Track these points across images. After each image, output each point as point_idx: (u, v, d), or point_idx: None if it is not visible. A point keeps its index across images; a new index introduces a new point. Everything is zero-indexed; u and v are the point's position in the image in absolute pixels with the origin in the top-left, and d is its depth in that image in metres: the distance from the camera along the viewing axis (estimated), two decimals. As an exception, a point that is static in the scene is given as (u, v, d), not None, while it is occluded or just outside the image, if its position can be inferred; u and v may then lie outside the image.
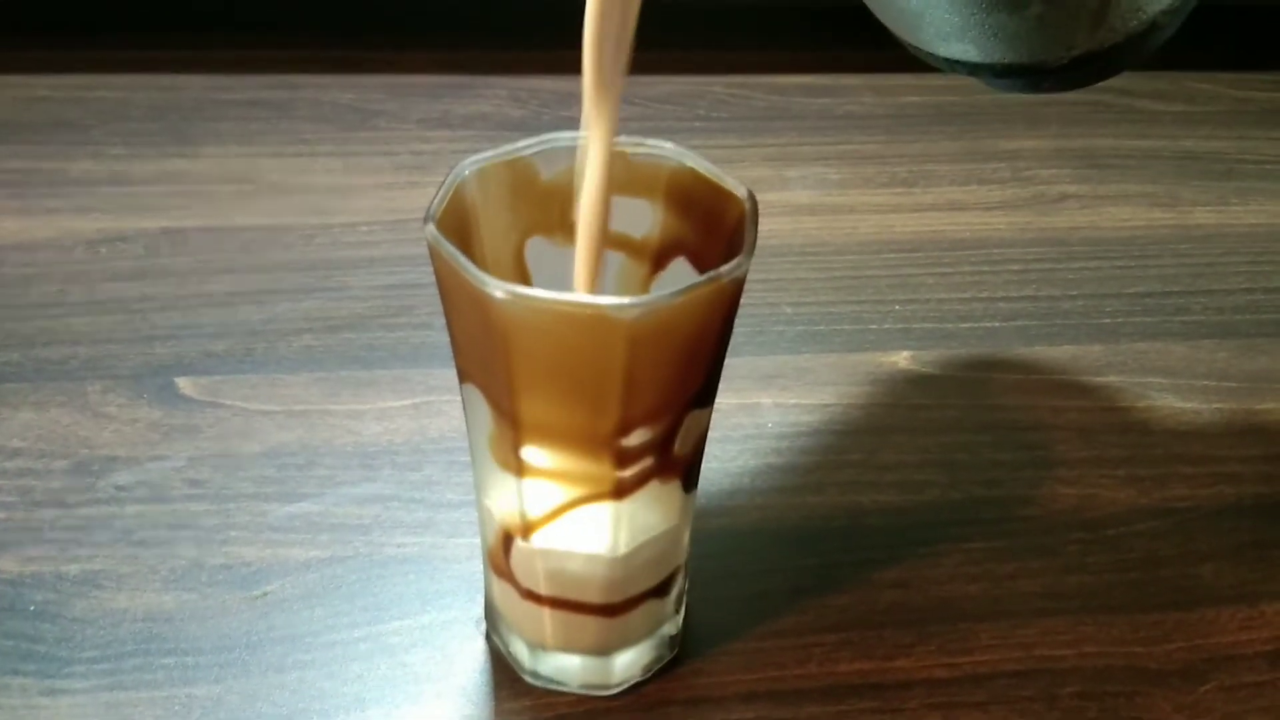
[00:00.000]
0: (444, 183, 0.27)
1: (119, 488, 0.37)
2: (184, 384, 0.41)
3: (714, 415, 0.30)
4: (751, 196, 0.27)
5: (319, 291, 0.46)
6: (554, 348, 0.24)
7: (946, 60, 0.26)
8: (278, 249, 0.49)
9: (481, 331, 0.25)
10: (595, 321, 0.23)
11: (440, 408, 0.41)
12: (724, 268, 0.24)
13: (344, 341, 0.44)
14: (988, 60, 0.26)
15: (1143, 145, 0.60)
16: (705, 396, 0.28)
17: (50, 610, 0.33)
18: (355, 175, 0.54)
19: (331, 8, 0.68)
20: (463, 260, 0.24)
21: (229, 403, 0.41)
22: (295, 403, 0.41)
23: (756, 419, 0.41)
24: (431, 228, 0.25)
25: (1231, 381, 0.44)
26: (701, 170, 0.28)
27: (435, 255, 0.25)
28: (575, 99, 0.65)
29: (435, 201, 0.26)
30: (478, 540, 0.33)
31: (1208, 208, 0.55)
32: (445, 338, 0.28)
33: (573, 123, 0.62)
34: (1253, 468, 0.40)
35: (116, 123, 0.57)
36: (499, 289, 0.24)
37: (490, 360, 0.25)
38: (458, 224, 0.27)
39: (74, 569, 0.35)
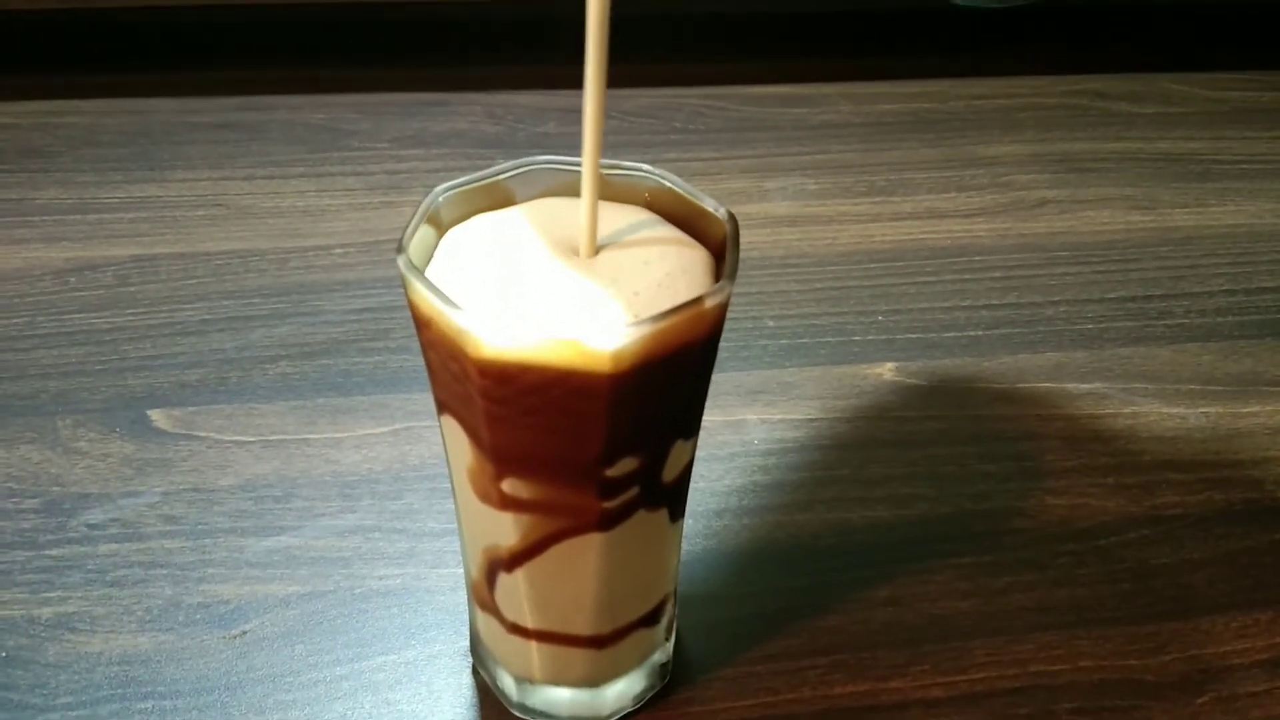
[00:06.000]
0: (417, 211, 0.26)
1: (91, 526, 0.36)
2: (157, 416, 0.40)
3: (699, 431, 0.29)
4: (732, 218, 0.26)
5: (293, 317, 0.45)
6: (533, 378, 0.23)
7: None
8: (250, 274, 0.48)
9: (458, 363, 0.24)
10: (575, 351, 0.23)
11: (420, 434, 0.40)
12: (706, 292, 0.24)
13: (320, 368, 0.43)
14: None
15: (1119, 148, 0.60)
16: (691, 423, 0.27)
17: (23, 656, 0.32)
18: (328, 197, 0.53)
19: (302, 27, 0.67)
20: (437, 291, 0.23)
21: (203, 434, 0.40)
22: (271, 432, 0.40)
23: (742, 436, 0.41)
24: (405, 259, 0.24)
25: (1216, 385, 0.44)
26: (680, 191, 0.27)
27: (408, 287, 0.24)
28: (551, 114, 0.64)
29: (408, 231, 0.25)
30: (461, 571, 0.32)
31: (1186, 209, 0.55)
32: (424, 361, 0.28)
33: (549, 138, 0.62)
34: (1241, 472, 0.40)
35: (85, 149, 0.56)
36: (473, 319, 0.23)
37: (468, 392, 0.24)
38: (432, 252, 0.26)
39: (46, 612, 0.34)
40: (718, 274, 0.26)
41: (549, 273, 0.25)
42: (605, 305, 0.24)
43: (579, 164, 0.27)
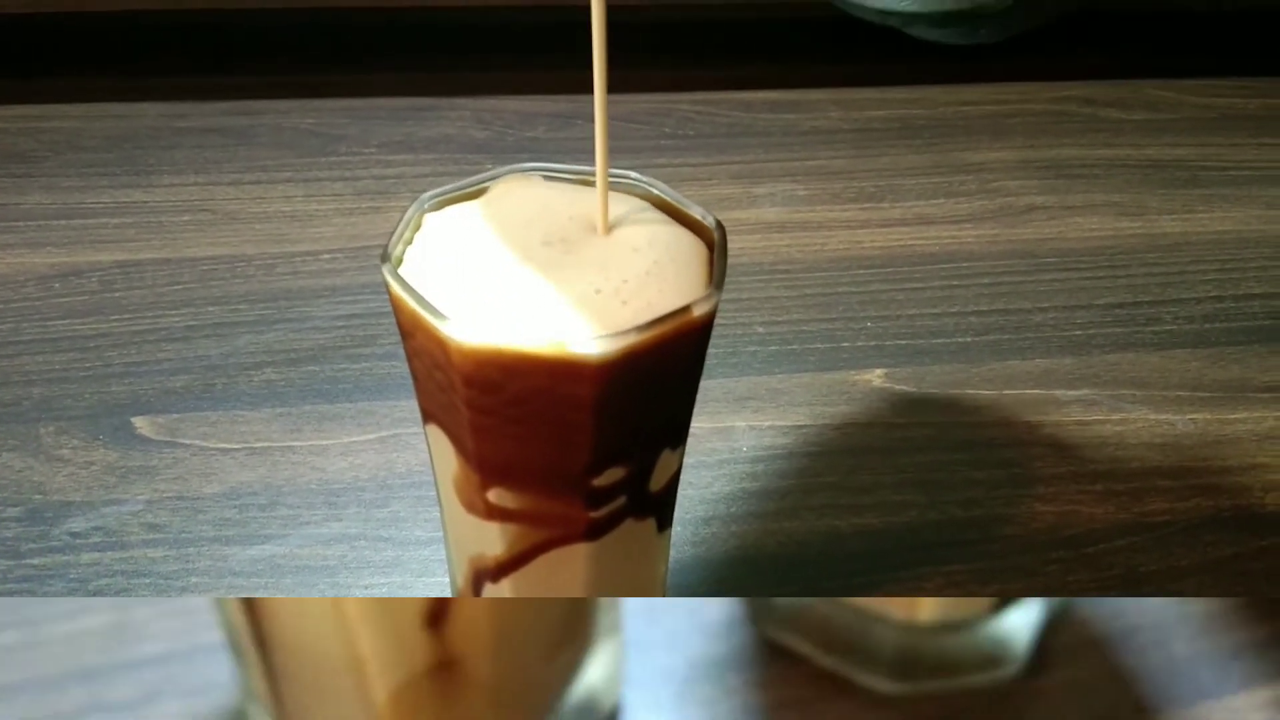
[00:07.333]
0: (403, 218, 0.26)
1: (74, 535, 0.36)
2: (141, 423, 0.40)
3: (687, 439, 0.29)
4: (720, 226, 0.26)
5: (280, 323, 0.45)
6: (518, 387, 0.23)
7: (879, 11, 0.26)
8: (236, 280, 0.47)
9: (443, 372, 0.24)
10: (560, 360, 0.23)
11: (407, 441, 0.40)
12: (693, 300, 0.24)
13: (306, 374, 0.43)
14: (925, 9, 0.25)
15: (1107, 154, 0.60)
16: (679, 431, 0.27)
17: (3, 666, 0.32)
18: (315, 202, 0.53)
19: (290, 31, 0.67)
20: (422, 299, 0.23)
21: (188, 442, 0.40)
22: (256, 440, 0.40)
23: (730, 443, 0.41)
24: (390, 267, 0.24)
25: (1204, 391, 0.44)
26: (668, 199, 0.27)
27: (393, 295, 0.24)
28: (539, 119, 0.64)
29: (393, 239, 0.25)
30: (448, 579, 0.32)
31: (1173, 216, 0.55)
32: (409, 369, 0.27)
33: (537, 143, 0.62)
34: (1228, 479, 0.40)
35: (70, 154, 0.56)
36: (458, 327, 0.23)
37: (453, 401, 0.24)
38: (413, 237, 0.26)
39: (28, 622, 0.33)
40: (710, 261, 0.25)
41: (533, 263, 0.24)
42: (591, 297, 0.24)
43: (567, 170, 0.27)
